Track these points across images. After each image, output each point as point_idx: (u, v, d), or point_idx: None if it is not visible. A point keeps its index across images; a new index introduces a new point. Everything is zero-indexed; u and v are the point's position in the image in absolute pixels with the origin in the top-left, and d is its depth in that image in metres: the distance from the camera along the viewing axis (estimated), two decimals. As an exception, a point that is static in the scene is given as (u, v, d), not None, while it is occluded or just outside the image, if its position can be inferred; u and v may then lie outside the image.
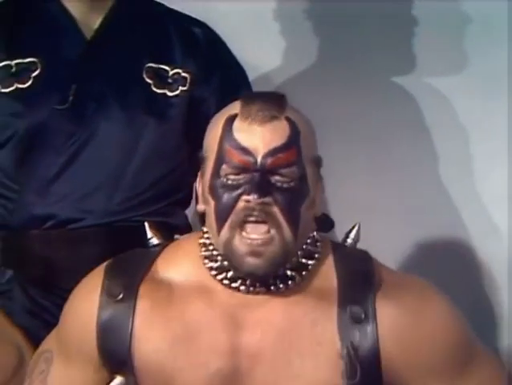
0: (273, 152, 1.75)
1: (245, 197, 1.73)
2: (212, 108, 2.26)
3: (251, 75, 2.40)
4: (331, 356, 1.80)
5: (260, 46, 2.68)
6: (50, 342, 1.95)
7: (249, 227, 1.75)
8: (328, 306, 1.82)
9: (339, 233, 1.99)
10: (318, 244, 1.83)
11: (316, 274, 1.84)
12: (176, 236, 2.18)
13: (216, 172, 1.78)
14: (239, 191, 1.76)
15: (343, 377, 1.78)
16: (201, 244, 1.83)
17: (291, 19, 2.79)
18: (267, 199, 1.73)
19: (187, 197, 2.40)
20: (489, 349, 1.90)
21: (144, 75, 2.31)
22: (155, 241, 1.95)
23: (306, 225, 1.79)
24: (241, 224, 1.74)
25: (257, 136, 1.78)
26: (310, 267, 1.81)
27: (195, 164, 1.98)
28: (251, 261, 1.75)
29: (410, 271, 2.39)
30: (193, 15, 2.44)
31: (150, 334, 1.85)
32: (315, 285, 1.84)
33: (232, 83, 2.36)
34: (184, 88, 2.32)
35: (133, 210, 2.31)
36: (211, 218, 1.79)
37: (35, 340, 2.11)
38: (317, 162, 1.81)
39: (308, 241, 1.81)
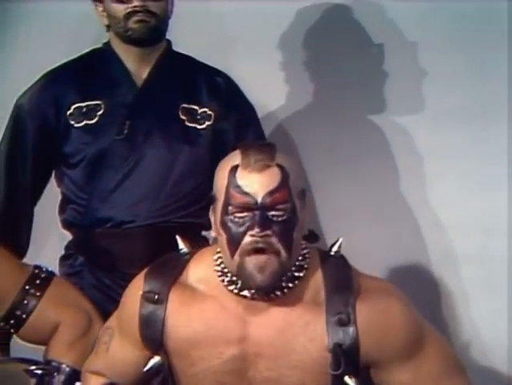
0: (269, 194, 1.95)
1: (250, 232, 1.93)
2: (230, 138, 2.64)
3: (260, 112, 2.76)
4: (320, 350, 1.99)
5: (267, 91, 2.98)
6: (113, 321, 2.21)
7: (253, 255, 1.95)
8: (318, 312, 2.01)
9: (327, 236, 2.27)
10: (307, 256, 2.03)
11: (308, 283, 2.03)
12: (203, 232, 2.60)
13: (225, 211, 1.97)
14: (245, 227, 1.95)
15: (330, 367, 1.97)
16: (216, 259, 2.05)
17: (292, 70, 3.10)
18: (268, 232, 1.94)
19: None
20: (435, 329, 2.11)
21: (180, 113, 2.66)
22: (185, 250, 2.15)
23: (297, 246, 1.99)
24: (249, 252, 1.95)
25: (256, 182, 1.96)
26: (301, 278, 2.01)
27: None
28: (259, 278, 1.95)
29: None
30: (216, 65, 2.74)
31: (177, 328, 2.07)
32: (307, 293, 2.04)
33: (245, 118, 2.68)
34: (210, 123, 2.67)
35: (171, 214, 2.63)
36: (224, 245, 1.99)
37: (100, 309, 2.45)
38: (302, 194, 2.01)
39: (300, 257, 2.02)
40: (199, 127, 2.69)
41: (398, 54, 3.07)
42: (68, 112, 2.65)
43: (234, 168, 1.99)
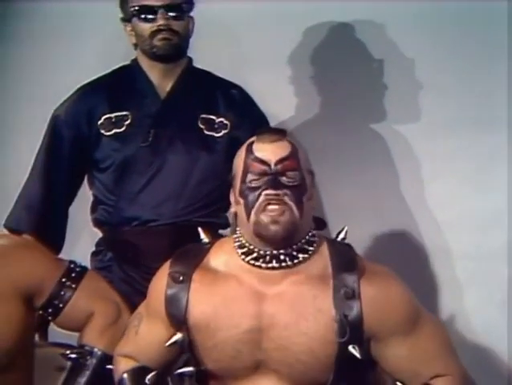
0: (281, 161, 2.12)
1: (264, 192, 2.09)
2: None
3: (271, 121, 2.85)
4: (328, 320, 2.10)
5: (278, 102, 3.06)
6: (141, 307, 2.32)
7: (268, 208, 2.09)
8: (325, 287, 2.12)
9: (333, 233, 2.32)
10: (315, 237, 2.16)
11: (316, 261, 2.15)
12: (220, 231, 2.69)
13: (243, 181, 2.14)
14: (260, 189, 2.11)
15: (336, 335, 2.09)
16: (235, 238, 2.18)
17: (301, 83, 3.19)
18: (279, 191, 2.09)
19: (227, 205, 2.62)
20: (429, 311, 2.24)
21: (199, 123, 2.76)
22: (206, 240, 2.29)
23: (307, 214, 2.13)
24: (264, 209, 2.09)
25: (269, 151, 2.15)
26: (309, 252, 2.13)
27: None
28: (273, 228, 2.09)
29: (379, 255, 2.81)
30: (232, 79, 2.84)
31: (199, 304, 2.18)
32: (315, 269, 2.15)
33: (258, 127, 2.61)
34: (226, 131, 2.77)
35: (191, 214, 2.74)
36: (242, 212, 2.14)
37: (128, 300, 2.52)
38: (311, 173, 2.19)
39: (309, 233, 2.15)
40: (216, 135, 2.78)
41: (397, 68, 3.14)
42: (99, 122, 2.74)
43: (251, 144, 2.18)
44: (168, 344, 2.21)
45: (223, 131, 2.77)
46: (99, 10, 3.04)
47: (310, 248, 2.16)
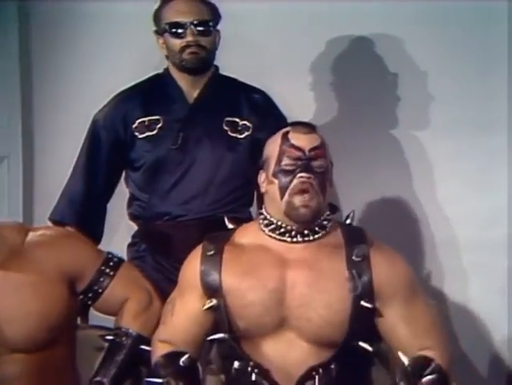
0: (313, 149, 2.36)
1: (299, 175, 2.32)
2: None
3: None
4: (342, 280, 2.32)
5: (298, 106, 3.09)
6: (173, 294, 2.48)
7: (301, 194, 2.31)
8: (340, 253, 2.35)
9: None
10: (329, 217, 2.40)
11: (331, 236, 2.39)
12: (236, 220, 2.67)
13: (278, 164, 2.36)
14: (294, 173, 2.33)
15: (349, 291, 2.31)
16: (261, 218, 2.41)
17: (320, 90, 3.29)
18: (311, 175, 2.32)
19: (250, 200, 2.91)
20: (436, 298, 2.48)
21: (224, 125, 2.85)
22: (231, 226, 2.49)
23: (327, 198, 2.38)
24: (297, 192, 2.32)
25: (304, 140, 2.37)
26: (326, 228, 2.37)
27: (255, 180, 2.56)
28: (303, 211, 2.32)
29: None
30: (256, 84, 2.93)
31: (230, 272, 2.37)
32: (331, 241, 2.38)
33: (278, 128, 2.63)
34: (249, 133, 2.86)
35: (216, 209, 2.83)
36: (274, 192, 2.36)
37: (159, 288, 2.63)
38: (331, 164, 2.42)
39: (326, 213, 2.39)
40: (240, 136, 2.87)
41: (408, 77, 3.24)
42: (134, 126, 2.84)
43: (286, 133, 2.41)
44: (204, 308, 2.36)
45: (246, 133, 2.86)
46: (137, 21, 3.07)
47: (328, 224, 2.39)
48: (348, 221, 2.46)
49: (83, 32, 3.42)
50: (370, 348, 2.33)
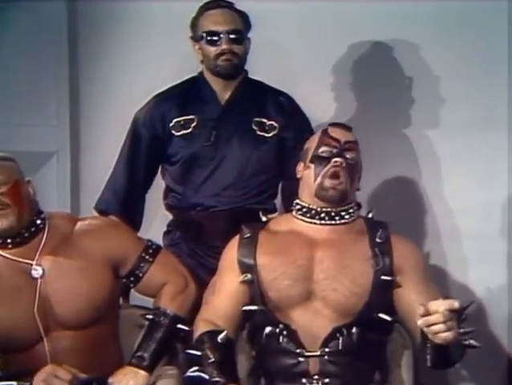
0: (347, 142, 2.55)
1: (334, 159, 2.50)
2: (291, 144, 2.92)
3: (314, 123, 3.02)
4: (365, 258, 2.48)
5: (319, 107, 3.21)
6: (214, 278, 2.62)
7: (332, 178, 2.48)
8: (363, 237, 2.52)
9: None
10: (355, 208, 2.56)
11: (355, 223, 2.55)
12: (269, 215, 2.78)
13: (317, 150, 2.54)
14: (329, 159, 2.50)
15: (372, 267, 2.46)
16: (294, 205, 2.56)
17: (340, 91, 3.38)
18: (344, 163, 2.50)
19: (275, 193, 3.02)
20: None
21: (252, 125, 2.95)
22: (265, 219, 2.63)
23: (354, 188, 2.55)
24: (329, 176, 2.49)
25: (340, 134, 2.55)
26: (352, 216, 2.53)
27: (280, 175, 2.79)
28: (331, 192, 2.50)
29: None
30: (281, 87, 3.02)
31: (263, 251, 2.52)
32: (355, 228, 2.54)
33: (302, 128, 2.93)
34: (275, 132, 2.96)
35: (245, 201, 2.95)
36: (309, 176, 2.53)
37: (193, 272, 2.73)
38: (361, 164, 2.58)
39: (352, 203, 2.56)
40: (267, 135, 2.97)
41: (422, 81, 3.33)
42: (171, 124, 2.94)
43: (326, 129, 2.59)
44: (240, 280, 2.50)
45: (272, 132, 2.96)
46: (176, 29, 3.09)
47: (352, 214, 2.56)
48: (370, 215, 2.60)
49: (127, 35, 3.44)
50: (388, 318, 2.44)
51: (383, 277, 2.44)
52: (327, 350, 2.44)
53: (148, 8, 3.40)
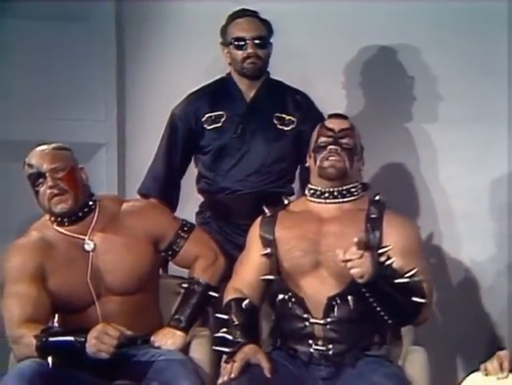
0: (342, 130, 2.62)
1: (329, 147, 2.58)
2: (308, 136, 2.83)
3: None
4: (360, 231, 2.55)
5: (332, 103, 3.22)
6: (243, 252, 2.72)
7: (329, 158, 2.56)
8: (362, 213, 2.59)
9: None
10: (359, 188, 2.63)
11: (358, 202, 2.62)
12: (288, 198, 2.84)
13: (316, 142, 2.64)
14: (326, 147, 2.58)
15: (366, 237, 2.52)
16: (307, 189, 2.65)
17: (351, 89, 3.45)
18: (338, 147, 2.58)
19: (293, 178, 3.13)
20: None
21: (274, 120, 3.07)
22: (286, 201, 2.74)
23: (355, 169, 2.62)
24: (327, 158, 2.57)
25: (335, 123, 2.64)
26: (355, 195, 2.61)
27: (297, 163, 2.90)
28: (330, 170, 2.58)
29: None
30: (298, 86, 3.10)
31: (281, 227, 2.63)
32: (358, 206, 2.61)
33: (316, 122, 2.83)
34: (293, 126, 3.08)
35: (267, 185, 3.05)
36: (312, 164, 2.62)
37: (222, 248, 2.83)
38: (362, 146, 2.67)
39: (356, 183, 2.63)
40: (286, 129, 3.07)
41: (423, 80, 3.41)
42: (203, 119, 3.05)
43: (323, 122, 2.66)
44: (261, 254, 2.61)
45: (291, 126, 3.06)
46: (207, 36, 3.17)
47: (355, 193, 2.64)
48: (377, 198, 2.65)
49: (167, 39, 3.49)
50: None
51: (381, 250, 2.46)
52: (328, 319, 2.53)
53: (185, 16, 3.45)
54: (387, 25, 3.40)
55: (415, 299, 2.41)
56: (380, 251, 2.42)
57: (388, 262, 2.39)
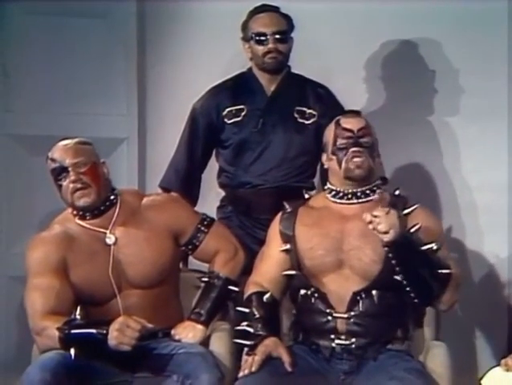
0: (360, 129, 2.60)
1: (352, 149, 2.56)
2: None
3: None
4: None
5: (353, 96, 3.28)
6: (263, 247, 2.71)
7: (354, 159, 2.53)
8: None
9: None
10: (380, 185, 2.61)
11: (381, 198, 2.60)
12: (309, 192, 2.89)
13: (334, 143, 2.61)
14: (347, 148, 2.56)
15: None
16: (326, 189, 2.64)
17: (371, 82, 3.45)
18: (360, 149, 2.55)
19: (314, 173, 3.13)
20: None
21: (294, 113, 3.08)
22: (307, 196, 2.73)
23: (377, 167, 2.61)
24: (351, 159, 2.54)
25: (352, 123, 2.60)
26: (376, 192, 2.59)
27: (318, 157, 2.80)
28: (357, 171, 2.56)
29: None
30: (320, 80, 3.11)
31: (301, 223, 2.62)
32: (380, 203, 2.56)
33: (337, 116, 2.77)
34: (314, 119, 3.08)
35: (288, 180, 3.06)
36: (334, 166, 2.59)
37: (242, 242, 2.85)
38: (377, 140, 2.64)
39: (377, 181, 2.62)
40: (307, 122, 3.08)
41: (444, 74, 3.43)
42: (223, 113, 3.07)
43: (338, 120, 2.63)
44: (281, 249, 2.61)
45: (312, 120, 3.07)
46: (229, 31, 3.18)
47: (378, 191, 2.63)
48: (397, 193, 2.64)
49: (187, 35, 3.52)
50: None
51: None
52: (352, 313, 2.53)
53: (205, 13, 3.47)
54: (408, 19, 3.41)
55: (441, 271, 2.43)
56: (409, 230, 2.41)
57: (414, 228, 2.42)
